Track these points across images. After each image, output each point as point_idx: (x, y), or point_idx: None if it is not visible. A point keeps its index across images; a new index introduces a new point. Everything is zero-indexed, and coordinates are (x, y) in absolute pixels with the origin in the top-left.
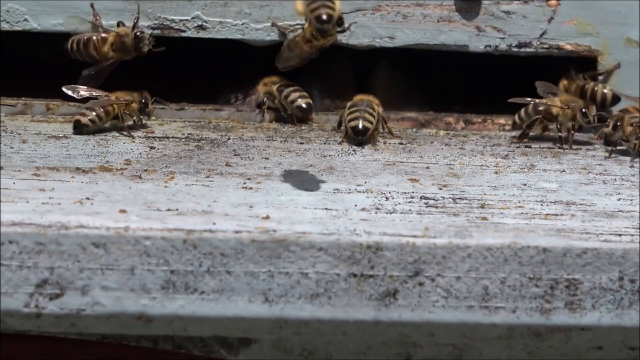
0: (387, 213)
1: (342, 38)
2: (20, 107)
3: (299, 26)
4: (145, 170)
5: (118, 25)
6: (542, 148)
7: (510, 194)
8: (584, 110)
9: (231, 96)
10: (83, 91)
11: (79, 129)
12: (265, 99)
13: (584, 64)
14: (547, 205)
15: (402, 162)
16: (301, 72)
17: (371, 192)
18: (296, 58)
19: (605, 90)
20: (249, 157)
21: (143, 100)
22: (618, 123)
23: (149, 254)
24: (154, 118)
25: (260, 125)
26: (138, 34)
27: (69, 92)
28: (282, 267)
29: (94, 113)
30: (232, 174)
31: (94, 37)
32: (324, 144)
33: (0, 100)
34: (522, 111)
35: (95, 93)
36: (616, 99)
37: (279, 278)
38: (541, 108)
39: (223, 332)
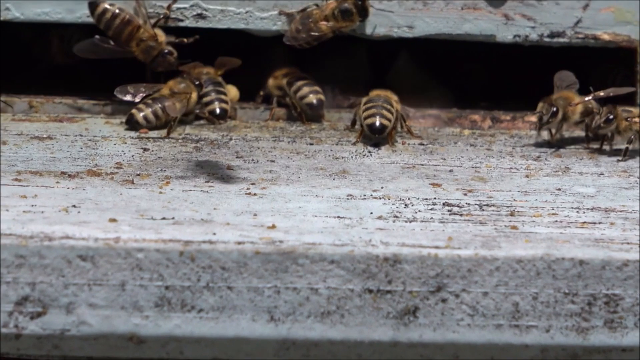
0: (406, 221)
1: (357, 27)
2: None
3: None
4: (138, 175)
5: (157, 23)
6: (578, 149)
7: (543, 200)
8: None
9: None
10: (136, 91)
11: (131, 125)
12: (274, 94)
13: (622, 55)
14: (584, 212)
15: (422, 165)
16: (314, 65)
17: (388, 198)
18: (306, 34)
19: None
20: (252, 160)
21: (197, 82)
22: (610, 116)
23: (141, 267)
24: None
25: (266, 123)
26: (166, 52)
27: (123, 97)
28: (289, 282)
29: (150, 109)
30: (234, 178)
31: (137, 22)
32: (336, 144)
33: None
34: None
35: (148, 89)
36: None
37: (285, 294)
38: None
39: (223, 355)
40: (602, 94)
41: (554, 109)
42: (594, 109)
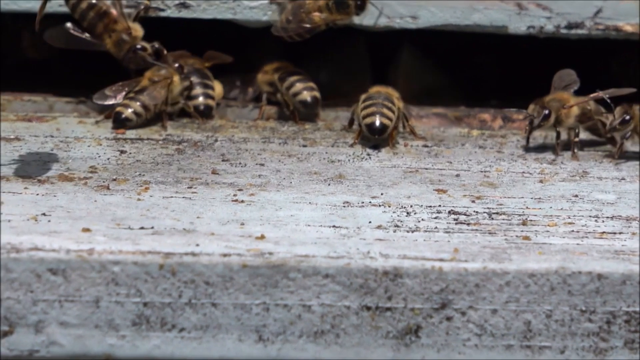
0: (408, 231)
1: (355, 17)
2: None
3: None
4: (114, 180)
5: (137, 15)
6: (597, 151)
7: (558, 208)
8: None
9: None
10: (115, 92)
11: (121, 122)
12: (264, 91)
13: None
14: (603, 221)
15: (426, 169)
16: (308, 58)
17: (389, 206)
18: (296, 25)
19: None
20: (240, 163)
21: (177, 65)
22: (627, 117)
23: (117, 282)
24: None
25: (255, 123)
26: (139, 47)
27: (105, 102)
28: (279, 298)
29: (138, 103)
30: (220, 183)
31: (114, 14)
32: (332, 146)
33: None
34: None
35: (127, 86)
36: None
37: (275, 312)
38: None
39: None
40: (600, 94)
41: (546, 111)
42: (592, 111)
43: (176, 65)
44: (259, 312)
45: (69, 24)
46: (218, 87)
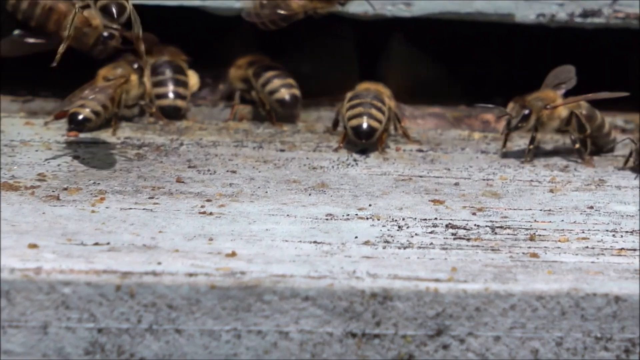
0: (399, 248)
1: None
2: None
3: None
4: (65, 189)
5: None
6: (615, 156)
7: (571, 221)
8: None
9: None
10: (81, 98)
11: (80, 124)
12: (237, 88)
13: None
14: (622, 236)
15: (421, 177)
16: (288, 50)
17: (378, 219)
18: (270, 11)
19: None
20: (208, 170)
21: (137, 65)
22: None
23: (68, 305)
24: None
25: (226, 125)
26: (106, 36)
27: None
28: (252, 323)
29: (94, 102)
30: (186, 193)
31: (61, 8)
32: (314, 151)
33: None
34: None
35: (88, 88)
36: None
37: (248, 339)
38: None
39: None
40: (590, 96)
41: (526, 111)
42: (583, 114)
43: (135, 65)
44: (229, 339)
45: (17, 32)
46: (193, 79)
